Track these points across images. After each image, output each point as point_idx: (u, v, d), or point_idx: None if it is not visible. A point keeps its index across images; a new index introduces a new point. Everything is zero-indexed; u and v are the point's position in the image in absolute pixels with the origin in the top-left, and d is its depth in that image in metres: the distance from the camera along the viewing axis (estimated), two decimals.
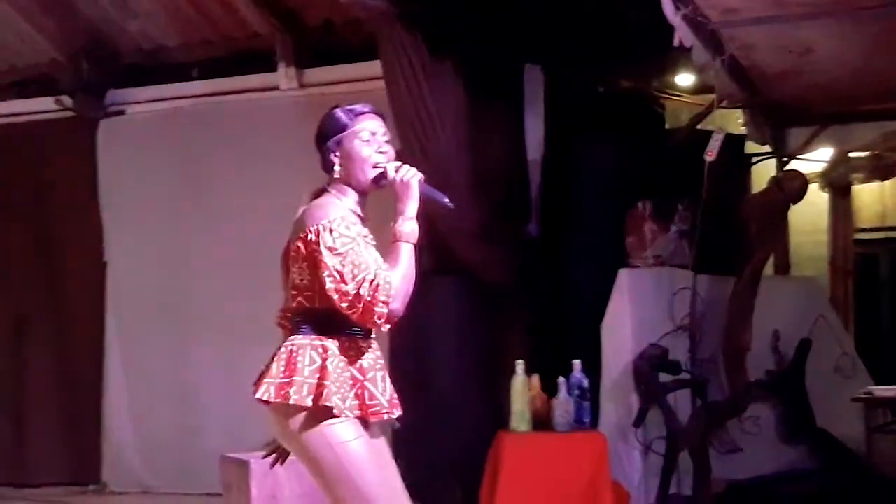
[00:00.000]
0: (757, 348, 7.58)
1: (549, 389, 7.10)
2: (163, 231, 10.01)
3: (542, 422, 7.07)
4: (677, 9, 6.34)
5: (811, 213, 9.48)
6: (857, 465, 7.95)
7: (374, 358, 3.97)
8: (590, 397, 7.08)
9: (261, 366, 4.02)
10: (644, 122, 9.04)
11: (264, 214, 9.36)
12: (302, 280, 3.93)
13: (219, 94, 10.01)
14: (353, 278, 3.75)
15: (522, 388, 7.04)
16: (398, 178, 3.94)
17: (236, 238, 9.58)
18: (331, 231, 3.81)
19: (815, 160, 9.39)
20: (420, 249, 3.87)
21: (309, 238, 3.86)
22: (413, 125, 7.74)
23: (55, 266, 10.34)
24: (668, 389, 7.29)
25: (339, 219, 3.85)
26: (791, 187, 7.49)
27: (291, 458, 4.16)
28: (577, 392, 7.00)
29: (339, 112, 4.06)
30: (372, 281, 3.74)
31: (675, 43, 6.45)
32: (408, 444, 7.92)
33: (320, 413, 3.82)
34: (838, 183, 9.63)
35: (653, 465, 7.37)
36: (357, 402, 3.87)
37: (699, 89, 8.99)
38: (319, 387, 3.82)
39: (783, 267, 9.41)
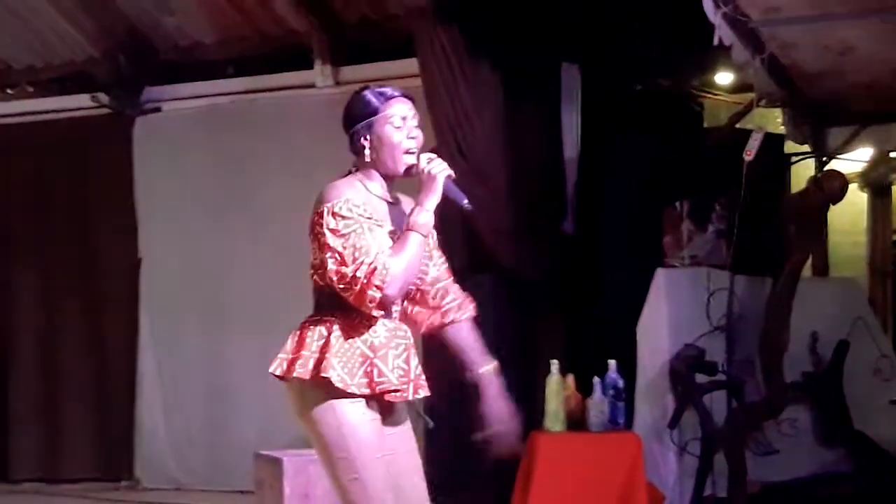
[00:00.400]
0: (794, 350, 7.51)
1: (584, 389, 7.06)
2: (197, 228, 10.03)
3: (576, 422, 7.03)
4: (717, 7, 6.30)
5: (850, 213, 9.41)
6: (895, 468, 7.88)
7: (388, 336, 3.92)
8: (625, 398, 7.03)
9: None
10: (682, 120, 8.99)
11: (299, 212, 9.30)
12: (315, 259, 3.94)
13: (255, 91, 10.03)
14: (354, 261, 3.76)
15: (557, 387, 6.99)
16: (426, 170, 3.93)
17: (271, 235, 9.58)
18: (334, 214, 3.82)
19: (854, 160, 9.31)
20: (456, 247, 3.89)
21: (316, 219, 3.88)
22: (450, 122, 7.73)
23: (90, 262, 10.38)
24: (704, 390, 7.24)
25: (343, 201, 3.84)
26: (831, 187, 7.42)
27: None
28: (612, 392, 6.95)
29: (369, 95, 4.00)
30: (370, 264, 3.75)
31: (715, 41, 6.41)
32: (441, 442, 7.92)
33: (331, 390, 3.81)
34: (878, 183, 9.57)
35: (688, 467, 7.31)
36: (366, 378, 3.85)
37: (738, 88, 8.93)
38: (320, 360, 3.83)
39: (822, 268, 9.34)
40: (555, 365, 6.97)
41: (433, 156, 3.98)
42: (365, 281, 3.74)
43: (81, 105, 10.44)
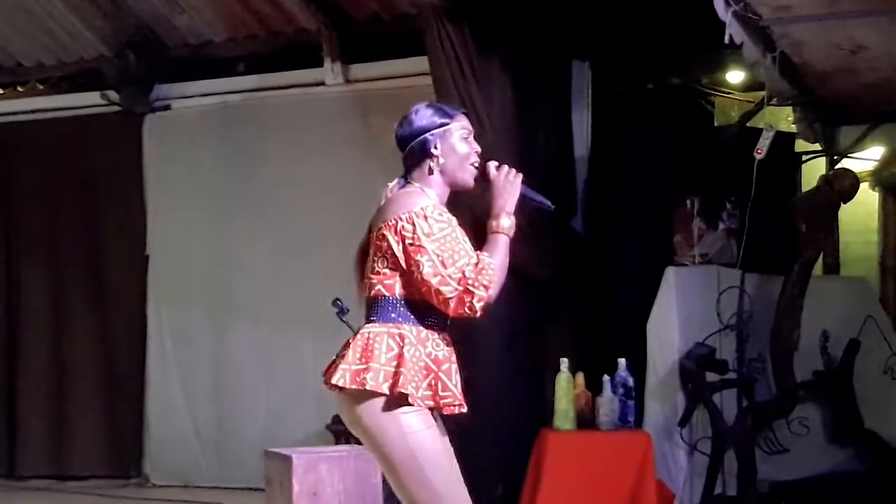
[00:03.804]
0: (805, 348, 7.51)
1: (594, 387, 7.04)
2: (206, 225, 10.03)
3: (586, 420, 7.02)
4: (728, 5, 6.28)
5: (861, 212, 9.39)
6: None
7: (449, 350, 3.95)
8: (635, 396, 7.02)
9: (302, 359, 4.02)
10: (693, 118, 8.97)
11: (308, 209, 9.38)
12: (384, 268, 3.91)
13: (265, 89, 10.02)
14: (454, 262, 3.78)
15: (567, 385, 6.99)
16: (503, 176, 3.99)
17: (279, 232, 9.58)
18: (425, 218, 3.82)
19: (865, 159, 9.29)
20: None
21: (399, 226, 3.84)
22: None
23: (99, 259, 10.39)
24: (714, 389, 7.23)
25: (431, 206, 3.86)
26: (841, 186, 7.41)
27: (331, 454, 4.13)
28: (621, 390, 6.95)
29: (433, 109, 4.05)
30: (476, 264, 3.78)
31: (726, 39, 6.38)
32: (451, 440, 7.91)
33: (394, 401, 3.81)
34: (889, 182, 9.55)
35: (698, 466, 7.31)
36: (430, 392, 3.86)
37: (749, 86, 8.91)
38: (396, 374, 3.80)
39: (832, 267, 9.32)
40: (564, 363, 6.96)
41: (498, 163, 4.03)
42: (471, 280, 3.76)
43: (91, 103, 10.44)
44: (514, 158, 7.85)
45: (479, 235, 4.02)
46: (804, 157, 9.36)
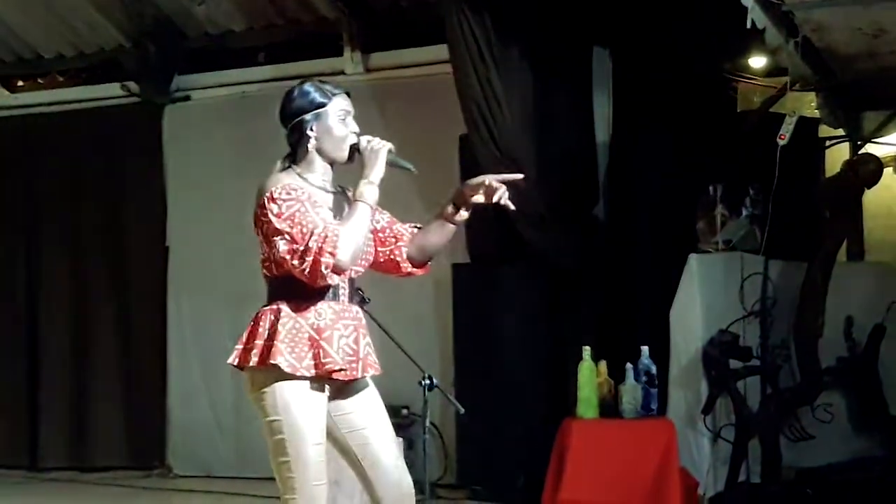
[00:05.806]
0: (829, 335, 7.47)
1: (617, 376, 7.02)
2: (225, 215, 10.00)
3: (609, 408, 7.00)
4: None
5: (885, 197, 9.30)
6: None
7: (334, 318, 4.14)
8: (658, 384, 7.00)
9: None
10: (715, 104, 8.92)
11: None
12: (261, 252, 4.22)
13: (284, 78, 9.96)
14: (303, 237, 3.98)
15: (589, 374, 6.96)
16: (368, 147, 4.16)
17: None
18: (273, 200, 4.06)
19: (889, 144, 9.22)
20: (486, 234, 4.02)
21: (258, 213, 4.15)
22: (480, 108, 7.68)
23: (119, 250, 10.41)
24: (738, 376, 7.20)
25: (280, 187, 4.08)
26: (865, 171, 7.36)
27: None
28: (644, 378, 6.93)
29: (313, 89, 4.22)
30: (321, 234, 3.95)
31: (748, 24, 6.35)
32: (473, 430, 7.90)
33: (276, 374, 4.06)
34: None
35: (722, 453, 7.29)
36: (314, 361, 4.08)
37: (772, 72, 8.85)
38: (270, 346, 4.07)
39: (856, 252, 9.26)
40: (587, 351, 6.93)
41: (371, 137, 4.20)
42: (317, 249, 3.94)
43: (111, 94, 10.46)
44: (535, 146, 7.90)
45: (506, 229, 4.06)
46: (827, 143, 9.28)
